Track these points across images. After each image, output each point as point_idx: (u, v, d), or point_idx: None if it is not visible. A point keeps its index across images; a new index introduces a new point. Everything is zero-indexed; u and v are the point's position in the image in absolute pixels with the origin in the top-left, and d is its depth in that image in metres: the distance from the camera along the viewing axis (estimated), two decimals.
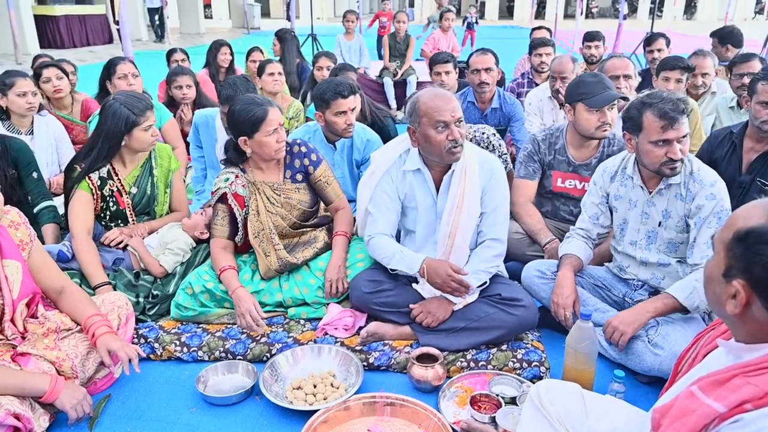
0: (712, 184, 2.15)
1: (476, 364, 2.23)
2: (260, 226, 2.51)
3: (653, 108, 2.10)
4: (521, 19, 29.94)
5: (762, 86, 2.59)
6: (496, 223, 2.40)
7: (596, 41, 5.19)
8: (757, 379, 1.04)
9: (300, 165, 2.62)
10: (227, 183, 2.50)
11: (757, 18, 30.40)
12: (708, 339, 1.32)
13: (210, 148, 3.57)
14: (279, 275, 2.57)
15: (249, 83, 3.24)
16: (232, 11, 23.32)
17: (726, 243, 1.09)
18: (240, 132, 2.43)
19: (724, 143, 2.86)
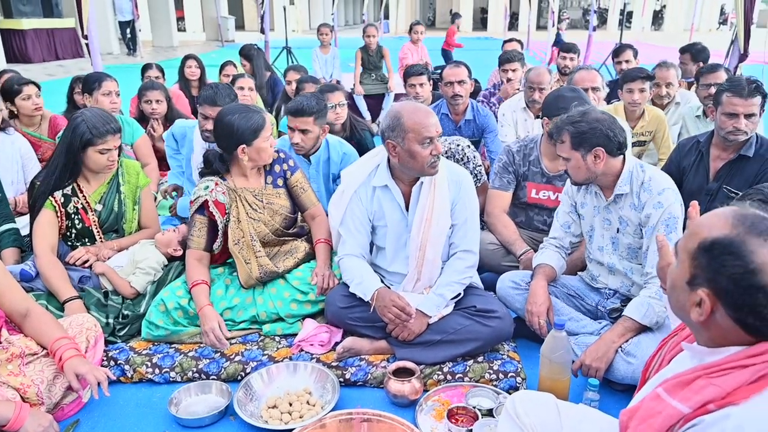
0: (659, 193, 2.20)
1: (453, 377, 2.22)
2: (240, 233, 2.49)
3: None
4: (495, 30, 30.35)
5: (727, 98, 2.65)
6: (467, 235, 2.41)
7: (572, 53, 5.30)
8: (719, 380, 1.06)
9: (279, 170, 2.65)
10: (207, 191, 2.47)
11: (721, 29, 31.29)
12: (673, 343, 1.35)
13: (186, 160, 3.53)
14: (259, 285, 2.55)
15: (231, 89, 3.20)
16: (206, 24, 23.14)
17: (690, 252, 1.10)
18: (239, 141, 2.43)
19: (691, 152, 2.93)
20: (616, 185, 2.27)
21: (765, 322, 1.02)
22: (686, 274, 1.11)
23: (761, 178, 2.65)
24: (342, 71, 7.67)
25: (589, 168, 2.21)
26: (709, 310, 1.07)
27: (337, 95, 3.59)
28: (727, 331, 1.08)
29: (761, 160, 2.70)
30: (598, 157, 2.20)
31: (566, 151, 2.24)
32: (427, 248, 2.36)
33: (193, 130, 3.34)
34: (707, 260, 1.07)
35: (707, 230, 1.09)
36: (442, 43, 10.78)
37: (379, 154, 2.46)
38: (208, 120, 3.11)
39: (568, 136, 2.21)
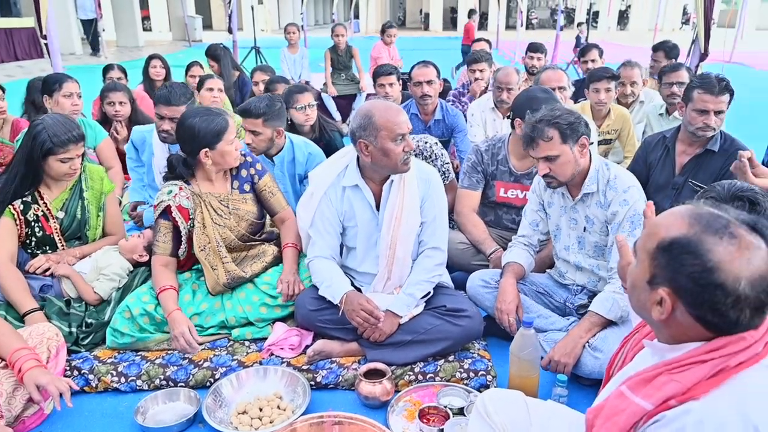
0: (625, 191, 2.24)
1: (424, 377, 2.23)
2: (206, 239, 2.45)
3: None
4: None
5: (698, 95, 2.71)
6: (436, 232, 2.42)
7: (539, 53, 5.36)
8: (680, 376, 1.07)
9: (247, 175, 2.60)
10: (170, 195, 2.42)
11: (684, 28, 32.08)
12: (635, 341, 1.37)
13: (147, 165, 3.46)
14: (227, 291, 2.51)
15: (186, 88, 3.14)
16: (173, 23, 22.74)
17: (650, 252, 1.12)
18: (201, 144, 2.38)
19: (658, 147, 3.00)
20: (583, 184, 2.30)
21: (724, 318, 1.04)
22: (646, 273, 1.12)
23: (725, 171, 2.72)
24: (311, 71, 7.63)
25: (577, 160, 2.23)
26: (670, 308, 1.08)
27: (306, 96, 3.57)
28: (688, 328, 1.10)
29: (725, 154, 2.78)
30: (584, 146, 2.23)
31: (556, 148, 2.19)
32: (398, 246, 2.36)
33: (152, 134, 3.28)
34: (666, 260, 1.08)
35: (665, 230, 1.10)
36: (461, 40, 11.22)
37: (347, 154, 2.45)
38: (164, 120, 3.06)
39: (557, 132, 2.18)
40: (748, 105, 8.53)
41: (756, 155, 2.87)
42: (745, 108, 8.24)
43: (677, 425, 1.04)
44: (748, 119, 7.40)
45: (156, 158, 3.29)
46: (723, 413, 1.01)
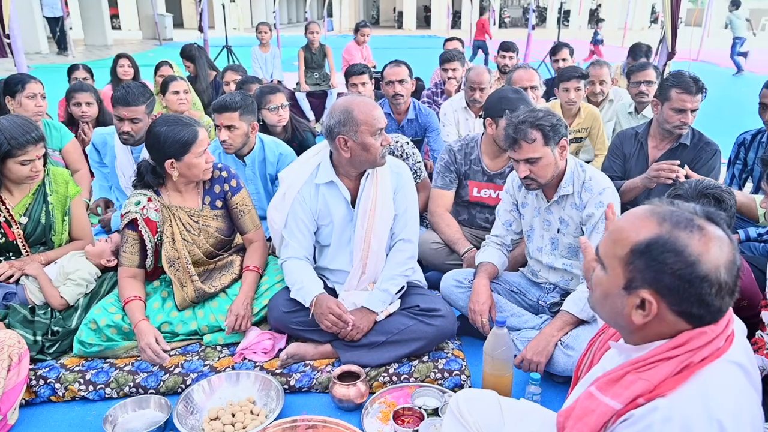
0: (600, 192, 2.27)
1: (398, 378, 2.22)
2: (176, 254, 2.38)
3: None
4: (438, 28, 30.66)
5: (676, 94, 2.77)
6: (408, 224, 2.43)
7: (511, 52, 5.39)
8: (647, 374, 1.09)
9: (220, 191, 2.51)
10: (138, 207, 2.36)
11: (652, 27, 32.69)
12: (601, 342, 1.38)
13: (111, 168, 3.38)
14: (194, 305, 2.45)
15: (145, 87, 3.07)
16: (142, 22, 22.30)
17: (622, 258, 1.11)
18: (167, 154, 2.30)
19: (631, 142, 3.08)
20: (559, 186, 2.31)
21: (709, 308, 1.06)
22: (621, 279, 1.12)
23: (696, 163, 2.83)
24: (284, 70, 7.57)
25: (557, 162, 2.24)
26: (656, 309, 1.08)
27: (278, 97, 3.53)
28: (664, 326, 1.10)
29: (695, 149, 2.87)
30: (564, 148, 2.24)
31: (539, 150, 2.18)
32: (372, 240, 2.36)
33: (113, 136, 3.21)
34: (646, 262, 1.07)
35: (634, 234, 1.10)
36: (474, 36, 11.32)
37: (319, 152, 2.44)
38: (123, 122, 2.99)
39: (540, 133, 2.17)
40: (715, 102, 8.72)
41: (723, 152, 2.96)
42: (712, 105, 8.43)
43: (645, 423, 1.05)
44: (715, 116, 7.57)
45: (119, 161, 3.22)
46: (688, 409, 1.03)
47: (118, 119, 3.00)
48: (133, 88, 2.94)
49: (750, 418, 1.07)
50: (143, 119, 3.00)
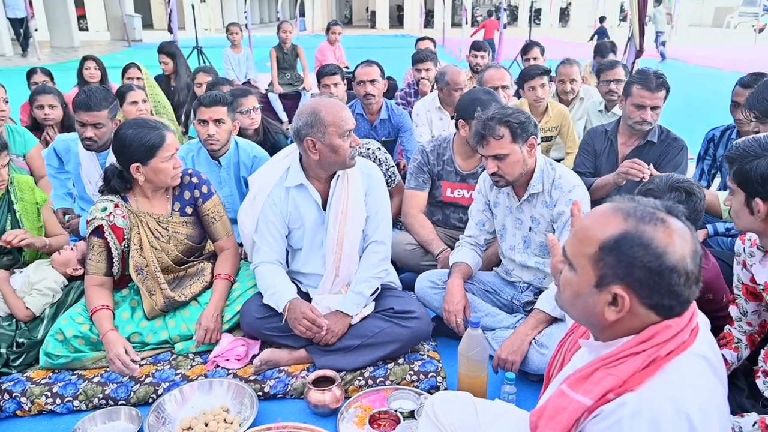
0: (570, 190, 2.29)
1: (374, 381, 2.21)
2: (144, 262, 2.33)
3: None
4: (411, 27, 30.73)
5: (636, 90, 2.81)
6: (380, 225, 2.42)
7: (482, 51, 5.41)
8: (615, 369, 1.10)
9: (190, 197, 2.46)
10: (104, 213, 2.30)
11: (621, 25, 33.26)
12: (571, 342, 1.39)
13: (75, 175, 3.29)
14: (164, 314, 2.41)
15: (107, 92, 2.98)
16: (110, 23, 21.87)
17: (591, 256, 1.12)
18: (132, 158, 2.24)
19: (601, 139, 3.12)
20: (529, 184, 2.33)
21: (679, 298, 1.08)
22: (591, 278, 1.12)
23: (664, 159, 2.88)
24: (258, 71, 7.49)
25: (525, 160, 2.25)
26: (628, 304, 1.09)
27: (250, 99, 3.49)
28: (635, 321, 1.12)
29: (662, 145, 2.92)
30: (533, 146, 2.25)
31: (506, 147, 2.19)
32: (344, 242, 2.35)
33: (77, 143, 3.11)
34: (616, 258, 1.08)
35: (600, 231, 1.11)
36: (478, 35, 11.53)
37: (288, 155, 2.41)
38: (85, 127, 2.90)
39: (508, 130, 2.18)
40: (682, 99, 8.91)
41: (692, 149, 3.01)
42: (680, 102, 8.60)
43: (615, 418, 1.06)
44: (683, 113, 7.73)
45: (84, 168, 3.12)
46: (656, 403, 1.04)
47: (81, 125, 2.91)
48: (95, 93, 2.85)
49: (716, 410, 1.09)
50: (106, 124, 2.91)
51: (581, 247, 1.14)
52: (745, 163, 1.52)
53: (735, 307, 1.87)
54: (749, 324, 1.85)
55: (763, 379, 1.78)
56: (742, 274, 1.79)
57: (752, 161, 1.51)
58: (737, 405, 1.79)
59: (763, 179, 1.48)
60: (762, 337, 1.87)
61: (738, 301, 1.85)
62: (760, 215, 1.51)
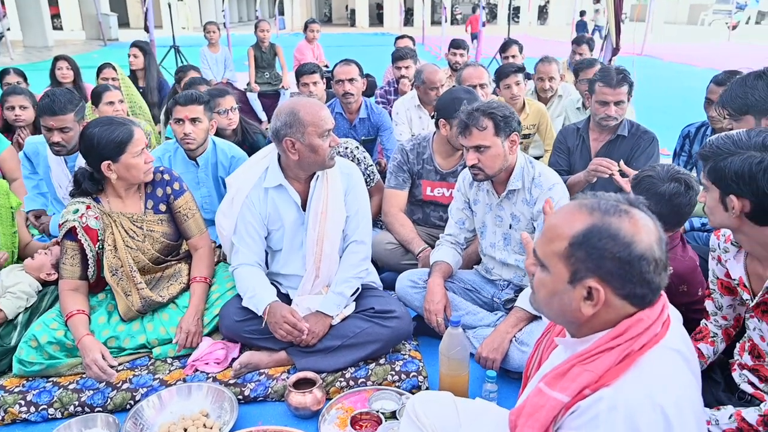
0: (549, 188, 2.30)
1: (356, 382, 2.19)
2: (118, 262, 2.29)
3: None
4: (391, 26, 30.73)
5: (599, 87, 2.90)
6: (360, 225, 2.41)
7: (461, 49, 5.41)
8: (591, 365, 1.11)
9: (163, 194, 2.43)
10: (76, 215, 2.25)
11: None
12: (547, 342, 1.40)
13: (45, 179, 3.22)
14: (141, 316, 2.37)
15: (73, 94, 2.89)
16: (85, 21, 21.51)
17: (561, 253, 1.13)
18: (102, 156, 2.20)
19: (573, 137, 3.18)
20: (508, 181, 2.34)
21: (650, 285, 1.10)
22: (564, 274, 1.13)
23: (636, 151, 2.97)
24: (236, 70, 7.42)
25: (506, 155, 2.26)
26: (603, 296, 1.10)
27: (228, 100, 3.45)
28: (611, 313, 1.13)
29: (633, 138, 3.01)
30: (514, 143, 2.26)
31: (489, 138, 2.21)
32: (324, 242, 2.33)
33: (46, 146, 3.04)
34: (586, 251, 1.10)
35: (568, 228, 1.13)
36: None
37: (267, 156, 2.39)
38: (52, 132, 2.81)
39: (491, 122, 2.20)
40: (659, 95, 9.03)
41: (668, 145, 3.05)
42: (657, 98, 8.73)
43: (591, 413, 1.07)
44: (660, 109, 7.84)
45: (53, 172, 3.04)
46: (632, 397, 1.05)
47: (47, 129, 2.82)
48: (59, 96, 2.74)
49: (690, 403, 1.11)
50: (73, 127, 2.82)
51: (551, 245, 1.15)
52: (719, 161, 1.53)
53: (710, 302, 1.89)
54: (725, 318, 1.88)
55: (739, 372, 1.80)
56: (717, 269, 1.82)
57: (726, 158, 1.52)
58: (714, 398, 1.81)
59: (737, 176, 1.49)
60: (737, 330, 1.90)
61: (713, 296, 1.87)
62: (734, 212, 1.53)
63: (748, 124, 2.07)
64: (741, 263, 1.70)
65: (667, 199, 1.97)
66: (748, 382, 1.76)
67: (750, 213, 1.51)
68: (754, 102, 2.05)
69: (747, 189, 1.49)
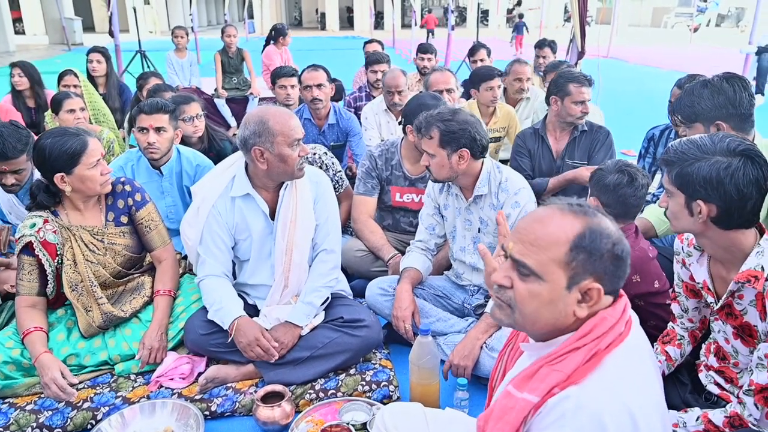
0: (516, 193, 2.31)
1: (326, 394, 2.16)
2: (78, 277, 2.21)
3: None
4: (362, 29, 30.74)
5: (575, 88, 3.05)
6: (330, 234, 2.38)
7: (429, 54, 5.41)
8: (560, 365, 1.11)
9: (124, 205, 2.35)
10: (33, 230, 2.17)
11: (566, 25, 34.23)
12: (511, 351, 1.39)
13: None
14: (103, 332, 2.29)
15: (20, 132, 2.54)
16: (49, 25, 21.00)
17: (561, 258, 1.11)
18: (54, 168, 2.12)
19: (533, 139, 3.29)
20: (475, 186, 2.33)
21: (624, 277, 1.16)
22: (562, 281, 1.12)
23: (596, 145, 3.18)
24: (202, 75, 7.31)
25: (452, 167, 2.26)
26: (601, 293, 1.12)
27: (193, 107, 3.38)
28: (600, 307, 1.15)
29: (592, 133, 3.22)
30: (462, 158, 2.25)
31: (433, 148, 2.24)
32: (294, 252, 2.29)
33: None
34: (586, 253, 1.11)
35: (563, 234, 1.12)
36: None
37: (234, 164, 2.34)
38: (4, 175, 2.52)
39: (438, 134, 2.22)
40: (625, 97, 9.20)
41: (634, 146, 3.12)
42: (623, 100, 8.89)
43: (558, 412, 1.07)
44: (626, 110, 7.98)
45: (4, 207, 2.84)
46: (599, 397, 1.05)
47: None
48: (8, 138, 2.44)
49: (656, 403, 1.12)
50: (27, 167, 2.57)
51: (547, 253, 1.12)
52: (685, 166, 1.54)
53: (676, 305, 1.91)
54: (690, 321, 1.90)
55: (705, 373, 1.82)
56: (681, 272, 1.83)
57: (693, 164, 1.52)
58: (681, 400, 1.83)
59: (706, 181, 1.50)
60: (702, 332, 1.92)
61: (679, 299, 1.89)
62: (701, 217, 1.53)
63: (698, 131, 2.11)
64: (704, 267, 1.71)
65: (612, 189, 2.09)
66: (714, 383, 1.78)
67: (716, 217, 1.53)
68: (701, 111, 2.09)
69: (715, 194, 1.50)
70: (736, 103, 2.04)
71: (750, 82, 2.47)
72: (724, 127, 2.06)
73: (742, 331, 1.63)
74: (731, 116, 2.05)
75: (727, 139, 1.54)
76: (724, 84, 2.06)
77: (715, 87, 2.07)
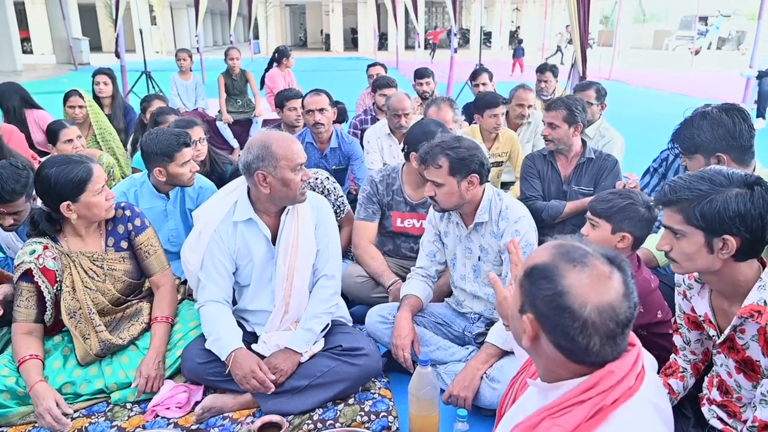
0: (516, 221, 2.30)
1: (324, 424, 2.13)
2: (77, 304, 2.20)
3: None
4: (366, 50, 31.03)
5: (545, 113, 3.09)
6: (330, 259, 2.38)
7: (426, 78, 5.41)
8: (561, 420, 1.08)
9: (124, 230, 2.36)
10: (33, 256, 2.16)
11: (567, 47, 34.50)
12: (521, 381, 1.37)
13: None
14: (99, 359, 2.27)
15: (18, 172, 2.43)
16: (56, 45, 21.23)
17: (519, 281, 1.16)
18: (61, 197, 2.13)
19: (542, 162, 3.26)
20: (476, 214, 2.33)
21: (575, 343, 1.06)
22: (518, 302, 1.16)
23: (603, 172, 3.13)
24: (208, 96, 7.35)
25: (462, 194, 2.25)
26: (531, 333, 1.11)
27: (196, 131, 3.39)
28: (552, 359, 1.12)
29: (600, 160, 3.17)
30: (472, 183, 2.25)
31: (442, 177, 2.22)
32: (295, 277, 2.28)
33: None
34: (528, 285, 1.12)
35: (532, 259, 1.14)
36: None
37: (236, 189, 2.34)
38: (2, 216, 2.46)
39: (447, 162, 2.20)
40: (628, 119, 9.22)
41: (636, 169, 3.11)
42: (626, 122, 8.91)
43: None
44: (628, 133, 7.97)
45: (2, 243, 2.84)
46: None
47: None
48: (6, 181, 2.35)
49: None
50: (24, 207, 2.53)
51: (519, 271, 1.17)
52: (706, 203, 1.46)
53: (679, 337, 1.89)
54: (693, 353, 1.87)
55: (708, 407, 1.80)
56: (683, 304, 1.82)
57: (714, 199, 1.46)
58: None
59: (736, 214, 1.44)
60: (705, 365, 1.89)
61: (681, 330, 1.87)
62: (726, 252, 1.48)
63: (699, 162, 2.10)
64: (706, 299, 1.69)
65: (646, 223, 2.06)
66: (717, 418, 1.75)
67: (737, 250, 1.48)
68: (701, 142, 2.08)
69: (743, 227, 1.44)
70: (736, 135, 2.03)
71: (752, 105, 2.47)
72: (725, 158, 2.05)
73: (744, 365, 1.61)
74: (732, 148, 2.05)
75: (732, 171, 1.53)
76: (723, 116, 2.06)
77: (714, 119, 2.07)
